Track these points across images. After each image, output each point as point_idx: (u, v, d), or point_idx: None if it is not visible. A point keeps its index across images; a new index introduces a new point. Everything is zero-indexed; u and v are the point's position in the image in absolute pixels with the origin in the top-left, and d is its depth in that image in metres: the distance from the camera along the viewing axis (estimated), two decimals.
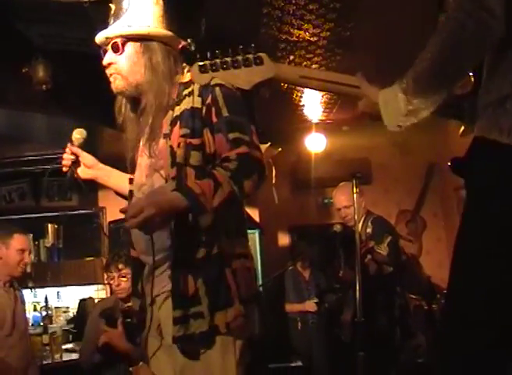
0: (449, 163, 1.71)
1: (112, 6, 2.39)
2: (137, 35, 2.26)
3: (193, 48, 2.41)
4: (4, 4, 3.51)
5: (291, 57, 5.43)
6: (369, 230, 4.56)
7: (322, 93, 6.58)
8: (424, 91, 1.54)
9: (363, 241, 4.24)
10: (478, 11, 1.37)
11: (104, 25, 3.07)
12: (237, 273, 2.15)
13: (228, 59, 1.81)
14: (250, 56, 1.80)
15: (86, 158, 2.58)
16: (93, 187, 7.19)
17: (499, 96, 1.47)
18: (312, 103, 7.00)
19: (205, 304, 2.09)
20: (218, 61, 1.82)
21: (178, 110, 2.23)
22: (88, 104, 5.09)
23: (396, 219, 7.65)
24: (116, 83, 2.32)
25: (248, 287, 2.18)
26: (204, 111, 2.18)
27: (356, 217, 4.18)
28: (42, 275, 4.32)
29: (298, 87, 6.27)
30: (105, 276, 4.59)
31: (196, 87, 2.21)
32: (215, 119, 2.17)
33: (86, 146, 6.00)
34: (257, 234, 6.79)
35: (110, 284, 4.48)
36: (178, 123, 2.21)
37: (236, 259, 2.17)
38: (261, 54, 1.81)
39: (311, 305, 6.64)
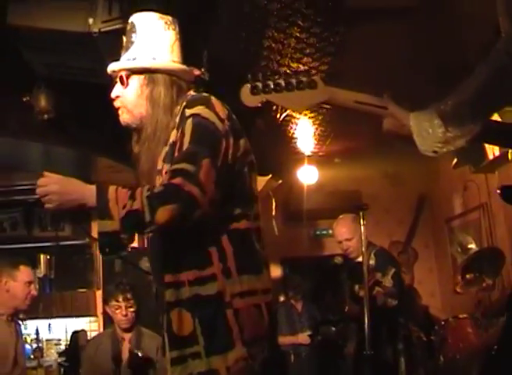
0: (498, 191, 1.71)
1: (124, 38, 2.41)
2: (140, 68, 2.28)
3: (207, 78, 2.42)
4: (11, 31, 3.50)
5: None
6: (372, 261, 4.55)
7: (315, 126, 6.66)
8: (463, 119, 1.54)
9: (370, 273, 4.24)
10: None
11: (112, 56, 3.09)
12: (240, 313, 2.07)
13: (281, 81, 1.81)
14: (304, 79, 1.80)
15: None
16: (86, 217, 7.14)
17: None
18: (305, 136, 7.04)
19: (201, 344, 2.05)
20: (271, 83, 1.82)
21: (167, 146, 2.20)
22: (88, 135, 5.09)
23: None
24: (123, 117, 2.35)
25: (254, 328, 2.10)
26: (178, 145, 2.13)
27: (363, 249, 4.18)
28: (33, 306, 4.24)
29: (294, 120, 6.34)
30: (107, 307, 4.51)
31: (177, 119, 2.20)
32: (176, 153, 2.12)
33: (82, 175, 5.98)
34: None
35: (109, 315, 4.45)
36: (166, 158, 2.19)
37: (240, 299, 2.08)
38: (315, 77, 1.82)
39: (304, 338, 6.62)
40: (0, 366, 3.83)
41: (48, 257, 6.74)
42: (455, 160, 6.32)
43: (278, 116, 6.09)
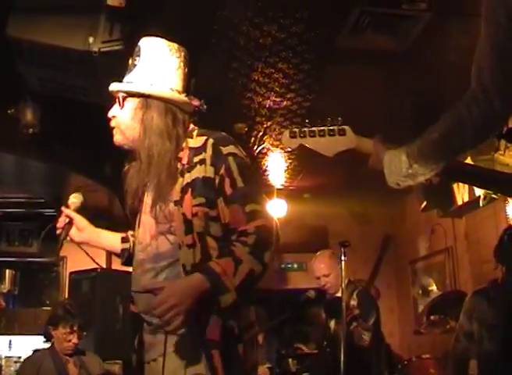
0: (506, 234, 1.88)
1: (130, 60, 2.44)
2: (135, 92, 2.30)
3: (204, 109, 2.45)
4: (8, 42, 3.52)
5: (268, 123, 5.59)
6: (354, 302, 4.61)
7: (290, 160, 6.77)
8: (425, 160, 1.70)
9: (348, 309, 4.30)
10: (484, 102, 1.50)
11: (109, 77, 3.12)
12: (246, 345, 2.13)
13: (315, 129, 2.00)
14: (335, 127, 1.99)
15: (79, 222, 2.58)
16: (55, 234, 7.08)
17: None
18: (278, 169, 7.14)
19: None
20: (306, 129, 2.01)
21: (188, 177, 2.21)
22: (68, 152, 5.10)
23: None
24: (116, 137, 2.35)
25: (252, 359, 2.18)
26: (217, 181, 2.17)
27: (343, 285, 4.23)
28: None
29: (269, 153, 6.43)
30: (54, 330, 4.35)
31: (208, 156, 2.20)
32: (229, 191, 2.15)
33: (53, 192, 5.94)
34: None
35: (52, 340, 4.34)
36: (189, 190, 2.19)
37: (246, 332, 2.15)
38: (345, 126, 2.00)
39: (263, 370, 6.60)
40: None
41: (14, 272, 6.66)
42: (424, 203, 6.46)
43: (254, 148, 6.19)
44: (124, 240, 2.60)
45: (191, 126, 2.34)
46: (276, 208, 7.79)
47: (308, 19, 3.88)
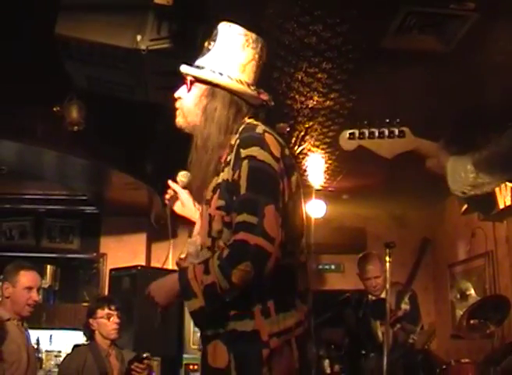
0: None
1: (205, 43, 2.40)
2: (203, 79, 2.26)
3: (271, 104, 2.41)
4: (53, 40, 3.56)
5: (310, 123, 5.58)
6: (406, 306, 4.61)
7: (330, 161, 6.74)
8: (493, 169, 1.70)
9: (392, 310, 4.29)
10: None
11: (156, 75, 3.15)
12: (275, 353, 2.02)
13: (375, 130, 2.01)
14: (395, 129, 1.99)
15: (184, 198, 2.59)
16: (97, 232, 7.19)
17: None
18: (317, 170, 7.11)
19: None
20: (366, 131, 2.01)
21: (220, 178, 2.17)
22: (112, 150, 5.15)
23: None
24: (178, 119, 2.33)
25: (284, 367, 2.05)
26: (234, 186, 2.09)
27: (387, 286, 4.21)
28: (36, 316, 4.23)
29: (309, 154, 6.43)
30: (94, 319, 4.47)
31: (232, 158, 2.12)
32: (235, 198, 2.07)
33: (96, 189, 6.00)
34: None
35: (94, 330, 4.43)
36: (217, 192, 2.15)
37: (277, 338, 2.04)
38: (404, 128, 1.99)
39: None
40: (15, 369, 3.82)
41: (55, 268, 6.75)
42: (465, 206, 6.39)
43: (295, 148, 6.18)
44: None
45: (247, 120, 2.25)
46: (315, 209, 7.77)
47: (354, 18, 3.85)
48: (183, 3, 3.38)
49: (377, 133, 1.99)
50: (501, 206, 5.77)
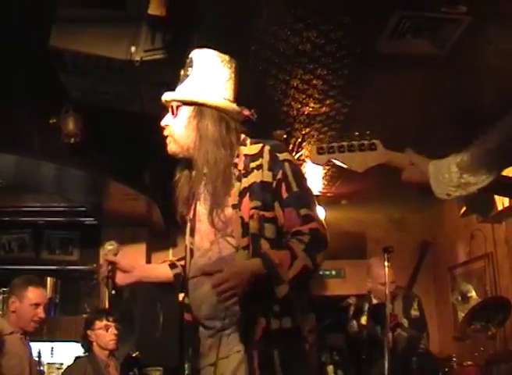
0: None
1: (181, 72, 2.48)
2: (190, 100, 2.36)
3: (255, 118, 2.50)
4: (48, 52, 3.57)
5: (307, 130, 5.58)
6: (415, 312, 4.65)
7: (328, 167, 6.74)
8: (479, 169, 1.67)
9: (392, 315, 4.30)
10: None
11: (150, 85, 3.16)
12: (312, 348, 2.20)
13: (344, 144, 1.97)
14: (366, 142, 1.95)
15: (123, 265, 2.53)
16: (96, 243, 7.17)
17: None
18: (316, 176, 7.13)
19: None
20: (335, 144, 1.98)
21: (246, 182, 2.29)
22: (109, 161, 5.16)
23: None
24: (170, 146, 2.42)
25: (315, 362, 2.26)
26: (274, 185, 2.25)
27: (387, 291, 4.23)
28: (37, 328, 4.22)
29: (307, 161, 6.42)
30: (92, 331, 4.54)
31: (265, 161, 2.29)
32: (285, 194, 2.24)
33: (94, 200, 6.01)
34: None
35: (92, 341, 4.44)
36: (247, 194, 2.27)
37: (311, 334, 2.21)
38: (375, 141, 1.96)
39: None
40: None
41: (55, 280, 6.74)
42: (463, 209, 6.39)
43: (293, 154, 6.19)
44: (172, 266, 2.61)
45: (243, 135, 2.41)
46: None
47: (347, 24, 3.87)
48: (177, 14, 3.39)
49: (347, 147, 1.96)
50: (499, 208, 5.77)
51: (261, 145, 2.33)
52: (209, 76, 2.38)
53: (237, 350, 2.19)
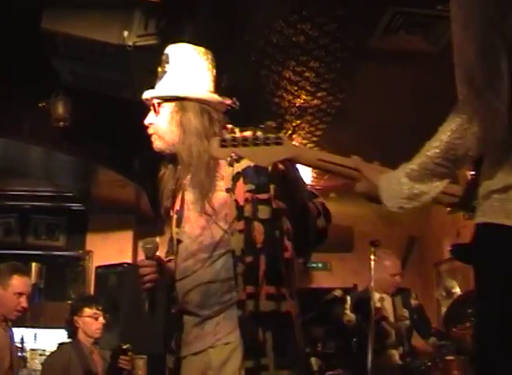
0: (449, 248, 1.79)
1: (158, 69, 2.47)
2: (171, 96, 2.34)
3: (237, 107, 2.49)
4: (42, 36, 3.54)
5: (298, 122, 5.58)
6: (416, 301, 4.68)
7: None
8: (428, 177, 1.61)
9: (377, 309, 4.32)
10: (483, 109, 1.46)
11: (142, 71, 3.15)
12: (299, 332, 2.22)
13: (249, 137, 1.87)
14: (271, 135, 1.86)
15: (166, 266, 2.41)
16: (83, 229, 7.13)
17: (506, 184, 1.51)
18: (305, 169, 7.12)
19: (271, 358, 2.11)
20: (239, 137, 1.88)
21: (239, 167, 2.28)
22: (98, 146, 5.13)
23: None
24: (155, 144, 2.39)
25: (304, 347, 2.29)
26: (270, 168, 2.23)
27: (372, 284, 4.23)
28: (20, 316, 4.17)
29: None
30: (79, 317, 4.43)
31: None
32: (284, 174, 2.25)
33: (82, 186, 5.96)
34: None
35: (78, 327, 4.41)
36: (241, 179, 2.27)
37: (298, 319, 2.23)
38: (281, 134, 1.87)
39: None
40: None
41: (40, 266, 6.71)
42: None
43: None
44: (170, 260, 2.49)
45: (230, 126, 2.39)
46: None
47: (342, 18, 3.86)
48: (171, 0, 3.37)
49: (251, 140, 1.85)
50: None
51: (252, 130, 2.30)
52: (187, 70, 2.37)
53: (226, 342, 2.18)
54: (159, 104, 2.36)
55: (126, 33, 3.41)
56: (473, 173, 1.70)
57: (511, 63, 1.47)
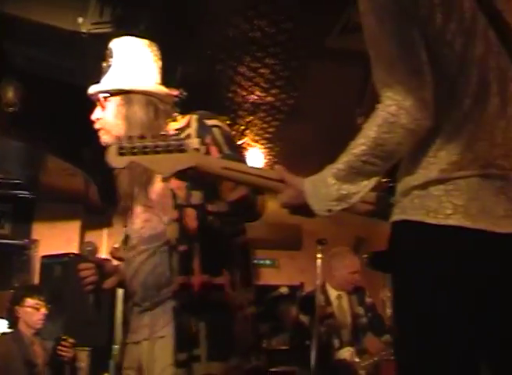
0: (365, 256, 1.75)
1: (103, 64, 2.45)
2: (116, 90, 2.30)
3: (184, 97, 2.48)
4: None
5: (251, 118, 5.59)
6: (370, 299, 4.72)
7: (269, 157, 6.78)
8: (356, 177, 1.55)
9: (321, 307, 4.35)
10: (409, 100, 1.44)
11: (96, 60, 3.09)
12: (240, 324, 2.15)
13: (149, 144, 1.76)
14: (173, 142, 1.76)
15: (107, 267, 2.40)
16: (29, 218, 6.98)
17: (427, 179, 1.49)
18: (255, 165, 7.13)
19: (204, 348, 2.09)
20: (138, 144, 1.76)
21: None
22: (49, 134, 5.05)
23: None
24: (103, 138, 2.34)
25: (247, 339, 2.18)
26: (203, 151, 2.15)
27: (318, 282, 4.26)
28: None
29: (248, 148, 6.44)
30: (20, 307, 4.41)
31: (193, 130, 2.24)
32: (216, 156, 2.17)
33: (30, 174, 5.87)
34: None
35: (18, 317, 4.36)
36: None
37: (240, 311, 2.17)
38: (183, 142, 1.77)
39: None
40: None
41: None
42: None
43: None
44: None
45: (175, 114, 2.36)
46: None
47: (300, 16, 3.88)
48: None
49: (152, 148, 1.74)
50: None
51: (188, 116, 2.29)
52: (131, 63, 2.32)
53: (161, 335, 2.15)
54: (105, 98, 2.30)
55: (80, 20, 3.37)
56: (385, 179, 1.66)
57: (430, 52, 1.47)
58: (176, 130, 2.27)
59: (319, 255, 4.36)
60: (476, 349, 1.49)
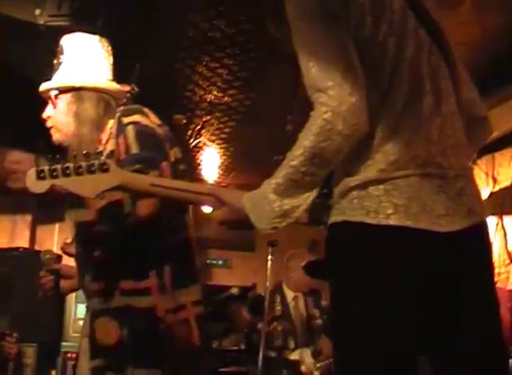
0: (303, 265, 1.72)
1: (54, 61, 2.43)
2: (66, 87, 2.29)
3: (136, 93, 2.47)
4: None
5: (207, 117, 5.60)
6: (326, 302, 4.73)
7: (224, 157, 6.79)
8: (297, 189, 1.49)
9: (270, 308, 4.36)
10: (344, 105, 1.40)
11: (52, 53, 3.07)
12: (171, 329, 2.10)
13: (70, 165, 1.67)
14: (96, 162, 1.67)
15: (66, 271, 2.47)
16: None
17: (366, 179, 1.47)
18: (210, 165, 7.15)
19: (129, 356, 2.06)
20: (58, 166, 1.67)
21: (105, 156, 2.18)
22: (1, 123, 4.97)
23: None
24: (54, 136, 2.31)
25: (183, 344, 2.13)
26: (116, 151, 2.17)
27: (267, 284, 4.27)
28: None
29: (204, 147, 6.44)
30: None
31: (114, 129, 2.23)
32: (122, 157, 2.14)
33: None
34: None
35: None
36: None
37: (173, 314, 2.12)
38: (107, 160, 1.71)
39: None
40: None
41: None
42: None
43: (191, 141, 6.18)
44: None
45: (120, 107, 2.32)
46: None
47: (259, 17, 3.89)
48: None
49: (73, 169, 1.65)
50: None
51: (118, 114, 2.25)
52: (82, 59, 2.32)
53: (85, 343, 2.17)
54: (56, 96, 2.29)
55: (38, 12, 3.33)
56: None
57: (363, 55, 1.46)
58: (110, 128, 2.25)
59: (270, 257, 4.35)
60: (420, 350, 1.50)
